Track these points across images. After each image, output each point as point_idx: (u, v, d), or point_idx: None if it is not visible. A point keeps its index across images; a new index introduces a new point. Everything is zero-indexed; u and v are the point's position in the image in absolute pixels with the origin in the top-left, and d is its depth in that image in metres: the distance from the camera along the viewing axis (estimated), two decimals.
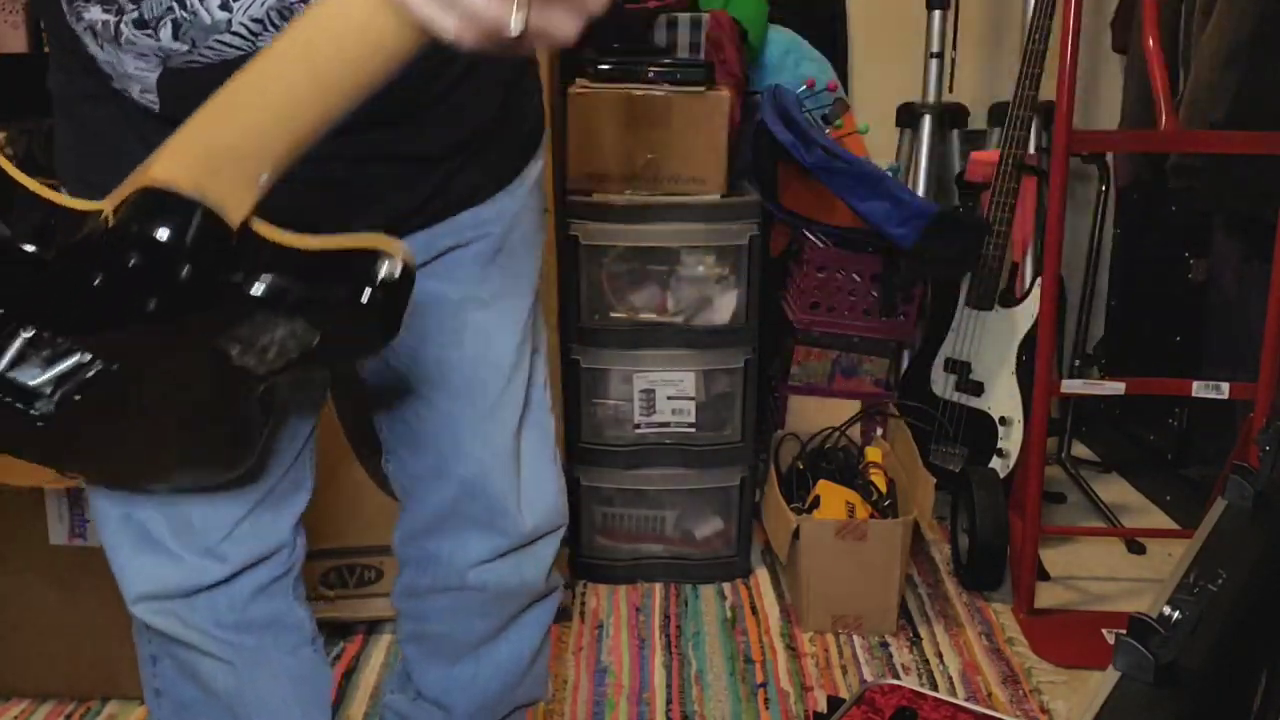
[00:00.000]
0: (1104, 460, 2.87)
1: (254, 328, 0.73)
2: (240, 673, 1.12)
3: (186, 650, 1.11)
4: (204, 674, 1.12)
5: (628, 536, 2.26)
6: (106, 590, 1.79)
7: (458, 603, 1.22)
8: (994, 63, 2.94)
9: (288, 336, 0.74)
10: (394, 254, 0.73)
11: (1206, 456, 2.54)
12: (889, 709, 1.22)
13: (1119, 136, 2.67)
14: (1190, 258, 2.54)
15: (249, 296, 0.72)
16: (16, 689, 1.88)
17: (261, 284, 0.72)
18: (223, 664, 1.11)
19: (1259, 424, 1.99)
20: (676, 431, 2.22)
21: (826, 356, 2.61)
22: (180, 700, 1.15)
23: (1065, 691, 1.91)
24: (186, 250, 0.69)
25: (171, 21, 0.83)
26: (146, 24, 0.83)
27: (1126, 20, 2.81)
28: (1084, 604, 2.22)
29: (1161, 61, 2.16)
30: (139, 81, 0.88)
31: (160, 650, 1.14)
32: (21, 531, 1.79)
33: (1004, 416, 2.39)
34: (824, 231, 2.51)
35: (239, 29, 0.83)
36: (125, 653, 1.83)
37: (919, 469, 2.21)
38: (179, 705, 1.15)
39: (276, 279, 0.72)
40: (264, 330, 0.73)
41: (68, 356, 0.75)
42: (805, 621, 2.11)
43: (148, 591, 1.08)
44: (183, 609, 1.08)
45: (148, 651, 1.16)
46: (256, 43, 0.83)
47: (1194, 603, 0.91)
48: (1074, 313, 2.87)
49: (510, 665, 1.28)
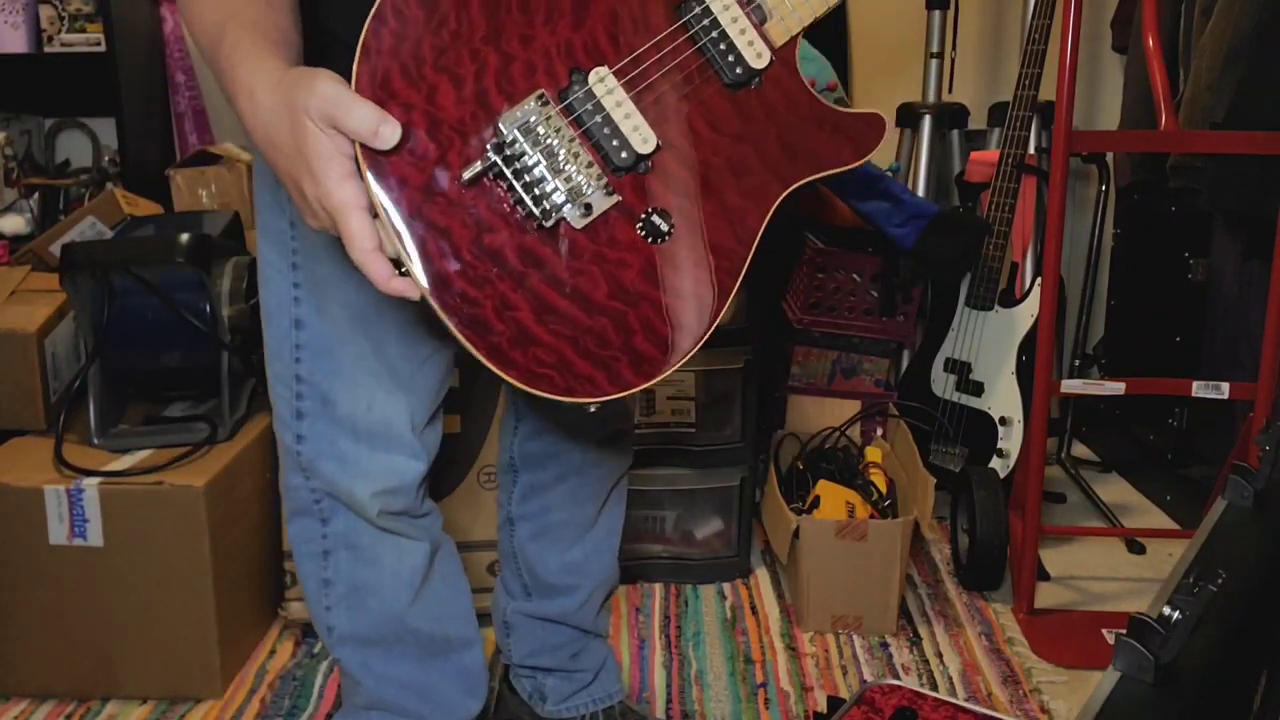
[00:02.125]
0: (1104, 460, 2.87)
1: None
2: (429, 548, 1.37)
3: (383, 536, 1.32)
4: (391, 556, 1.34)
5: (627, 537, 2.24)
6: (106, 590, 1.80)
7: (576, 488, 1.53)
8: (994, 63, 2.95)
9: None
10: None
11: (1206, 456, 2.54)
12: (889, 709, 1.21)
13: (1119, 136, 2.67)
14: (1190, 258, 2.54)
15: None
16: (16, 689, 1.88)
17: None
18: (418, 542, 1.35)
19: (1259, 424, 1.99)
20: (676, 431, 2.22)
21: (826, 356, 2.61)
22: (353, 583, 1.35)
23: (1065, 691, 1.91)
24: None
25: None
26: None
27: (1126, 20, 2.81)
28: (1084, 604, 2.22)
29: (1161, 61, 2.16)
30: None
31: (335, 544, 1.33)
32: (21, 531, 1.79)
33: (1004, 416, 2.39)
34: (824, 231, 2.51)
35: None
36: (125, 653, 1.85)
37: (919, 469, 2.21)
38: (352, 587, 1.34)
39: None
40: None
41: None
42: (805, 621, 2.11)
43: (391, 486, 1.29)
44: (411, 498, 1.31)
45: (318, 548, 1.34)
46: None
47: (1194, 603, 0.91)
48: (1074, 313, 2.87)
49: (609, 541, 1.60)
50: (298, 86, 0.90)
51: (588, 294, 0.96)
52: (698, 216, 0.97)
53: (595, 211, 0.95)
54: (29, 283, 2.07)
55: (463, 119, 0.92)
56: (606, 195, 0.95)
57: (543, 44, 0.93)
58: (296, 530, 1.36)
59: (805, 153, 0.99)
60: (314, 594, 1.38)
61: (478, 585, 1.74)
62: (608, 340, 0.97)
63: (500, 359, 0.95)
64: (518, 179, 0.93)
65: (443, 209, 0.92)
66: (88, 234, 2.30)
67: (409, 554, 1.35)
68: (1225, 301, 2.46)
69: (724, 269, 0.98)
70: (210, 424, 1.91)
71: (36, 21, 2.68)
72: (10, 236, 2.46)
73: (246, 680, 1.92)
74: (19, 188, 2.68)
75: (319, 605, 1.38)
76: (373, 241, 0.91)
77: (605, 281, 0.96)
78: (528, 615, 1.61)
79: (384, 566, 1.34)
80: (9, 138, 2.69)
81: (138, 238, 2.05)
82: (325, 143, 0.89)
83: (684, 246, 0.97)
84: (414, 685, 1.41)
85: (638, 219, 0.96)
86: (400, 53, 0.91)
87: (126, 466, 1.83)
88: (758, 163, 0.98)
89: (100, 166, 2.85)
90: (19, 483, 1.79)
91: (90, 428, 1.89)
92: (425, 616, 1.38)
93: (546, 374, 0.96)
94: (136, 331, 1.89)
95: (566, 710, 1.64)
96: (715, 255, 0.98)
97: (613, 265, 0.96)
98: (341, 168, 0.90)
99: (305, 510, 1.33)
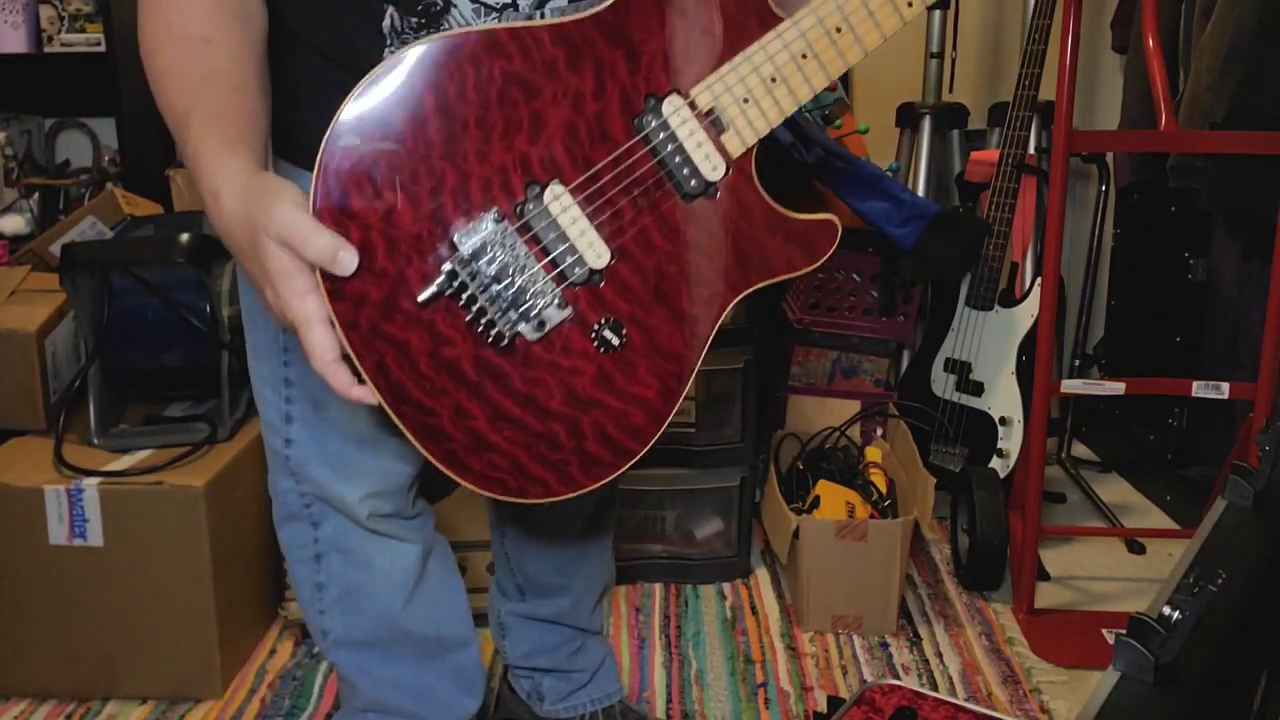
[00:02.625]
0: (1104, 460, 2.87)
1: None
2: (421, 549, 1.36)
3: (374, 539, 1.31)
4: (383, 559, 1.33)
5: (628, 537, 2.25)
6: (106, 590, 1.80)
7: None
8: (994, 63, 2.94)
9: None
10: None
11: (1206, 456, 2.54)
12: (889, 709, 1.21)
13: (1119, 136, 2.66)
14: (1190, 258, 2.54)
15: None
16: (16, 689, 1.88)
17: None
18: (410, 544, 1.34)
19: (1259, 424, 1.99)
20: (676, 432, 2.22)
21: (826, 356, 2.61)
22: (346, 586, 1.34)
23: (1065, 691, 1.91)
24: None
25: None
26: (492, 8, 1.03)
27: (1126, 20, 2.81)
28: (1084, 604, 2.22)
29: (1161, 61, 2.16)
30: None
31: (327, 548, 1.33)
32: (21, 531, 1.79)
33: (1004, 416, 2.39)
34: None
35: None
36: (125, 653, 1.84)
37: (919, 469, 2.20)
38: (345, 590, 1.34)
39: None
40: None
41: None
42: (805, 621, 2.11)
43: (381, 489, 1.28)
44: (400, 500, 1.30)
45: (309, 553, 1.34)
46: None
47: (1194, 603, 0.91)
48: (1074, 313, 2.87)
49: (602, 539, 1.59)
50: (257, 205, 0.90)
51: (542, 401, 0.99)
52: (651, 325, 1.00)
53: (549, 325, 0.97)
54: (29, 283, 2.07)
55: (420, 236, 0.93)
56: (560, 309, 0.97)
57: (499, 160, 0.94)
58: (288, 535, 1.35)
59: (758, 260, 1.01)
60: (308, 598, 1.38)
61: (478, 585, 1.75)
62: (560, 444, 1.00)
63: (456, 465, 0.99)
64: (474, 297, 0.95)
65: (400, 325, 0.94)
66: (88, 234, 2.30)
67: (401, 556, 1.34)
68: (1225, 301, 2.46)
69: (674, 374, 1.02)
70: (210, 424, 1.91)
71: (36, 21, 2.68)
72: (10, 236, 2.46)
73: (246, 680, 1.92)
74: (19, 188, 2.68)
75: (313, 609, 1.38)
76: (333, 353, 0.92)
77: (559, 389, 0.99)
78: (523, 616, 1.62)
79: (376, 569, 1.34)
80: (9, 138, 2.69)
81: (138, 238, 2.05)
82: (285, 261, 0.90)
83: (636, 354, 1.00)
84: (411, 687, 1.41)
85: (591, 330, 0.98)
86: (357, 171, 0.91)
87: (126, 466, 1.83)
88: (711, 272, 1.00)
89: (100, 166, 2.85)
90: (19, 483, 1.79)
91: (90, 428, 1.89)
92: (420, 618, 1.38)
93: (500, 478, 1.00)
94: (136, 331, 1.89)
95: (565, 710, 1.64)
96: (666, 361, 1.01)
97: (566, 373, 0.99)
98: (302, 284, 0.91)
99: (296, 515, 1.33)
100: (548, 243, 0.96)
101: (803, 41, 0.95)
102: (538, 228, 0.95)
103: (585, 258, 0.96)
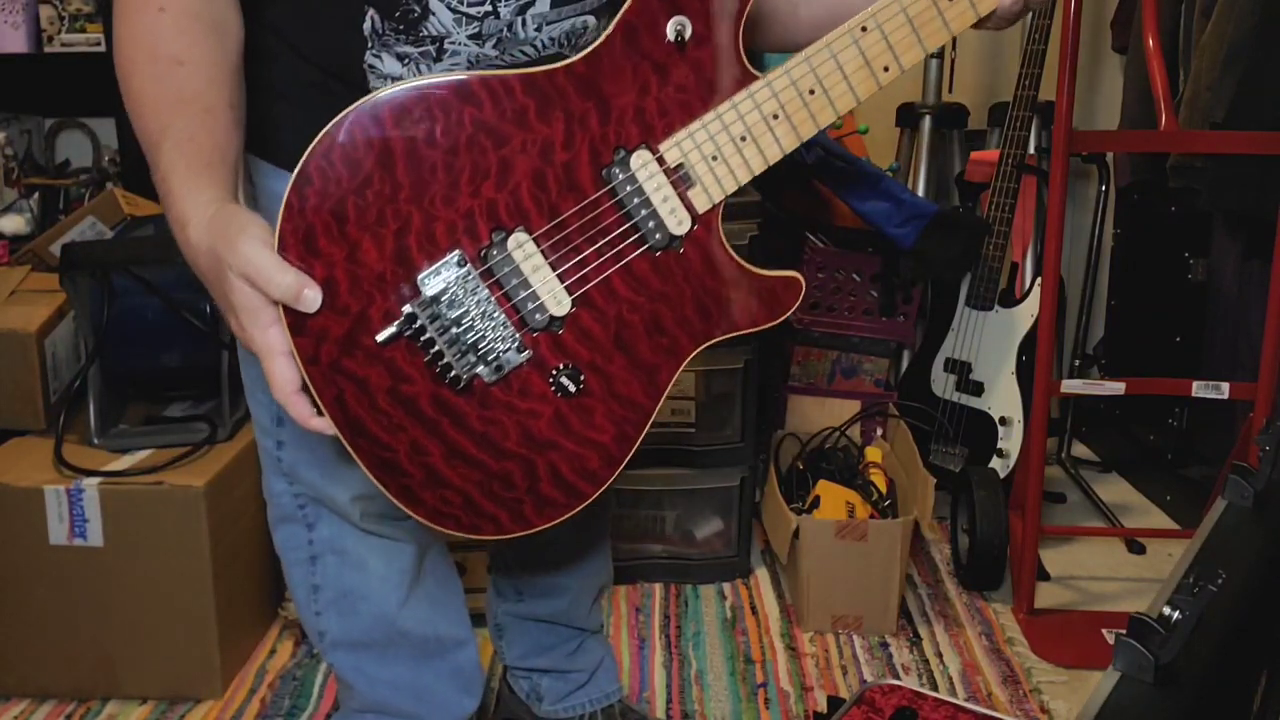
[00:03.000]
0: (1104, 460, 2.87)
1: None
2: (416, 550, 1.35)
3: (368, 539, 1.31)
4: (378, 559, 1.32)
5: (627, 537, 2.25)
6: (106, 590, 1.80)
7: None
8: (994, 63, 2.94)
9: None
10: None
11: (1206, 456, 2.54)
12: (889, 709, 1.21)
13: (1119, 136, 2.66)
14: (1190, 258, 2.54)
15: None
16: (16, 689, 1.88)
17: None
18: (405, 544, 1.33)
19: (1259, 424, 1.99)
20: (676, 431, 2.22)
21: (826, 356, 2.61)
22: (342, 588, 1.34)
23: (1065, 691, 1.91)
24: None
25: (495, 35, 1.04)
26: (481, 37, 1.03)
27: (1126, 20, 2.81)
28: (1084, 604, 2.22)
29: (1161, 61, 2.16)
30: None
31: (322, 549, 1.32)
32: (21, 531, 1.79)
33: (1004, 416, 2.39)
34: (824, 231, 2.51)
35: (538, 44, 1.06)
36: (125, 653, 1.84)
37: (919, 469, 2.21)
38: (341, 592, 1.34)
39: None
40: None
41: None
42: (805, 621, 2.11)
43: (371, 491, 1.26)
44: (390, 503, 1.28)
45: (305, 554, 1.33)
46: (543, 54, 1.06)
47: (1194, 603, 0.91)
48: (1074, 313, 2.87)
49: (599, 538, 1.59)
50: (222, 238, 0.91)
51: (497, 441, 0.99)
52: (610, 372, 1.00)
53: (508, 369, 0.98)
54: (29, 283, 2.07)
55: (383, 276, 0.94)
56: (519, 353, 0.98)
57: (465, 204, 0.95)
58: (282, 537, 1.35)
59: (720, 314, 1.02)
60: (304, 600, 1.37)
61: (477, 586, 1.75)
62: (514, 484, 1.01)
63: (409, 499, 1.00)
64: (434, 339, 0.96)
65: (360, 361, 0.95)
66: (88, 234, 2.30)
67: (397, 556, 1.34)
68: (1225, 301, 2.46)
69: (631, 421, 1.01)
70: (210, 424, 1.91)
71: (36, 21, 2.68)
72: (10, 236, 2.46)
73: (246, 680, 1.92)
74: (19, 188, 2.68)
75: (309, 611, 1.38)
76: (294, 385, 0.94)
77: (515, 430, 1.00)
78: (520, 616, 1.62)
79: (371, 570, 1.34)
80: (9, 138, 2.69)
81: (138, 238, 2.05)
82: (248, 295, 0.92)
83: (594, 400, 1.00)
84: (409, 687, 1.41)
85: (549, 374, 0.99)
86: (323, 211, 0.93)
87: (126, 466, 1.83)
88: (673, 322, 1.01)
89: (100, 166, 2.85)
90: (19, 483, 1.79)
91: (90, 428, 1.89)
92: (417, 618, 1.38)
93: (453, 513, 1.01)
94: (136, 331, 1.89)
95: (564, 710, 1.64)
96: (624, 408, 1.01)
97: (523, 415, 0.99)
98: (265, 318, 0.93)
99: (290, 517, 1.33)
100: (510, 288, 0.97)
101: (775, 102, 0.96)
102: (500, 273, 0.96)
103: (546, 304, 0.97)
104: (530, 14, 1.06)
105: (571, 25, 1.08)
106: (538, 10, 1.06)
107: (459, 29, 1.04)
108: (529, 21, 1.06)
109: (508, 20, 1.05)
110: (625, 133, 0.96)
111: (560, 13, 1.07)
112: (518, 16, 1.06)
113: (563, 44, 1.09)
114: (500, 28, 1.05)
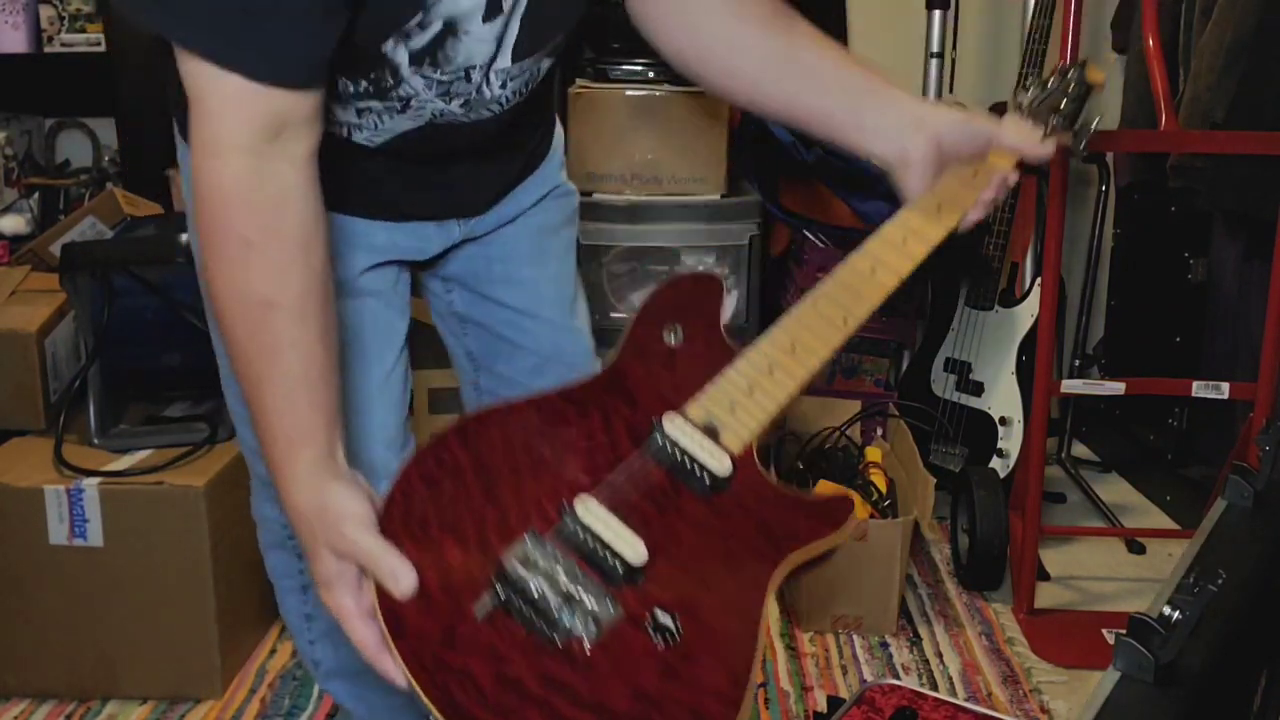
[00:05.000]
0: (1104, 460, 2.87)
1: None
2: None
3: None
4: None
5: None
6: (106, 590, 1.80)
7: None
8: (994, 63, 2.94)
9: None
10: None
11: (1206, 456, 2.54)
12: (889, 709, 1.21)
13: (1119, 136, 2.66)
14: (1190, 258, 2.54)
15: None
16: (16, 689, 1.88)
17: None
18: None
19: (1259, 424, 1.99)
20: None
21: None
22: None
23: (1065, 691, 1.91)
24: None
25: (464, 96, 1.11)
26: (449, 95, 1.10)
27: (1126, 20, 2.81)
28: (1084, 604, 2.22)
29: (1161, 61, 2.16)
30: (381, 132, 1.13)
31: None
32: (21, 531, 1.79)
33: (1004, 416, 2.39)
34: (824, 231, 2.51)
35: (502, 100, 1.14)
36: (125, 653, 1.84)
37: (919, 469, 2.20)
38: (334, 622, 1.33)
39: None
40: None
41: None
42: (805, 621, 2.11)
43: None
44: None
45: (296, 583, 1.33)
46: (505, 107, 1.16)
47: (1194, 603, 0.91)
48: (1074, 313, 2.87)
49: None
50: (324, 520, 0.98)
51: (611, 706, 0.99)
52: (700, 614, 1.03)
53: (603, 625, 1.00)
54: (29, 283, 2.07)
55: (468, 566, 1.00)
56: (611, 609, 1.00)
57: (532, 492, 1.04)
58: (274, 562, 1.34)
59: (786, 536, 1.09)
60: (297, 629, 1.36)
61: None
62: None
63: None
64: (526, 609, 0.99)
65: (461, 652, 0.98)
66: (88, 234, 2.30)
67: None
68: (1225, 301, 2.46)
69: (738, 654, 1.02)
70: (210, 424, 1.91)
71: (36, 21, 2.68)
72: (10, 236, 2.46)
73: (246, 680, 1.92)
74: (19, 188, 2.68)
75: (303, 640, 1.37)
76: (378, 646, 0.98)
77: (625, 690, 1.00)
78: None
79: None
80: (9, 138, 2.69)
81: (138, 238, 2.05)
82: (335, 567, 0.98)
83: (696, 641, 1.02)
84: (412, 710, 1.40)
85: (644, 625, 1.01)
86: (409, 524, 1.00)
87: (126, 466, 1.83)
88: (745, 553, 1.06)
89: (100, 166, 2.85)
90: (19, 483, 1.79)
91: (90, 428, 1.89)
92: None
93: None
94: (136, 331, 1.89)
95: None
96: (725, 645, 1.02)
97: (629, 673, 1.00)
98: (348, 584, 0.99)
99: (280, 544, 1.32)
100: (586, 550, 1.01)
101: (765, 360, 1.11)
102: (572, 535, 1.01)
103: (624, 555, 1.01)
104: (494, 70, 1.10)
105: (530, 75, 1.14)
106: (499, 66, 1.10)
107: (429, 91, 1.09)
108: (493, 79, 1.10)
109: (477, 82, 1.10)
110: (654, 409, 1.08)
111: (521, 66, 1.12)
112: (483, 78, 1.10)
113: (520, 92, 1.15)
114: (470, 90, 1.10)
